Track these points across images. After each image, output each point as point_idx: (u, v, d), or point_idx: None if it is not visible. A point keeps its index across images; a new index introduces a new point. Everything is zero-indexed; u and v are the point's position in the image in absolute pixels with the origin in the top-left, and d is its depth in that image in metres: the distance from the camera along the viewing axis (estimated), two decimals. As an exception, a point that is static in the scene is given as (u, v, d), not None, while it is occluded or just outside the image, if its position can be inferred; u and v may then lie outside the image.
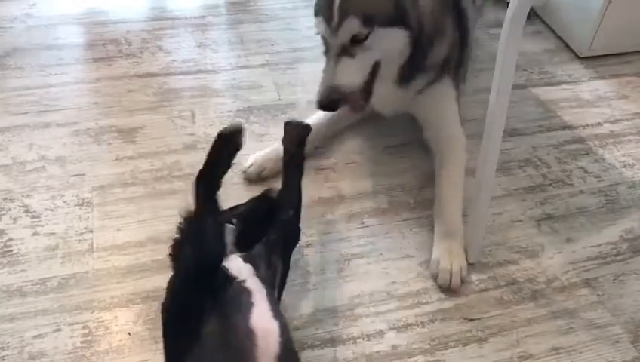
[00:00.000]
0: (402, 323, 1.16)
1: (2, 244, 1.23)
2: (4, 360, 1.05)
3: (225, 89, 1.67)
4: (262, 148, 1.43)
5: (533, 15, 1.99)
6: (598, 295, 1.23)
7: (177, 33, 1.87)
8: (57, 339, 1.08)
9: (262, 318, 0.90)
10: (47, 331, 1.09)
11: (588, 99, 1.72)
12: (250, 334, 0.86)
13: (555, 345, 1.14)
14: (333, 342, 1.12)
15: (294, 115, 1.57)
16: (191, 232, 0.97)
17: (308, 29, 1.88)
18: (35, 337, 1.08)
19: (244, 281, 0.94)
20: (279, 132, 1.48)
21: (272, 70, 1.74)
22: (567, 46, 1.90)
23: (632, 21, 1.79)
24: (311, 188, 1.39)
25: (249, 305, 0.90)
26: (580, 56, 1.85)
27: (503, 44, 1.10)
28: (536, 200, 1.42)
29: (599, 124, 1.63)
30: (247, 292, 0.92)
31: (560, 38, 1.93)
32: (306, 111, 1.56)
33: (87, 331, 1.10)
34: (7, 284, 1.16)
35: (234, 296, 0.92)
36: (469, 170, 1.45)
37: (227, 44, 1.85)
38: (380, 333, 1.14)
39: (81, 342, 1.08)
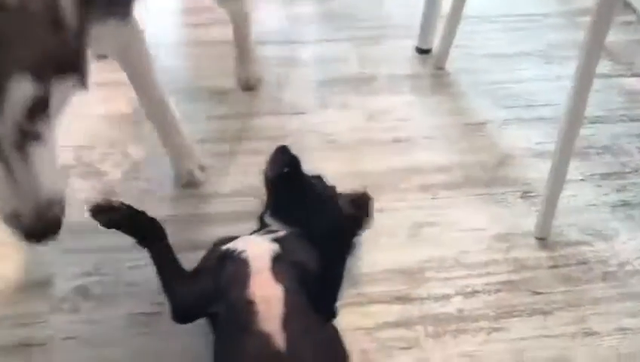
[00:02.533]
0: (469, 290, 1.20)
1: (105, 185, 1.35)
2: (103, 284, 1.17)
3: (310, 60, 1.74)
4: (344, 119, 1.52)
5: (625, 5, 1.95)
6: (671, 283, 1.23)
7: (268, 5, 1.95)
8: (147, 272, 1.18)
9: (261, 285, 0.93)
10: (140, 264, 1.19)
11: (676, 92, 1.69)
12: (248, 303, 0.90)
13: (621, 326, 1.15)
14: (402, 300, 1.17)
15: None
16: None
17: (396, 6, 1.94)
18: (131, 268, 1.19)
19: (241, 252, 0.97)
20: (360, 102, 1.53)
21: (357, 45, 1.79)
22: (658, 38, 1.86)
23: None
24: (387, 158, 1.45)
25: (247, 276, 0.93)
26: (671, 49, 1.81)
27: (589, 32, 1.10)
28: (613, 187, 1.41)
29: (686, 117, 1.60)
30: (245, 263, 0.95)
31: (651, 30, 1.89)
32: (386, 85, 1.64)
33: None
34: (108, 221, 1.28)
35: (232, 272, 0.96)
36: (543, 153, 1.46)
37: (315, 17, 1.92)
38: (447, 297, 1.18)
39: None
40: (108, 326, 1.10)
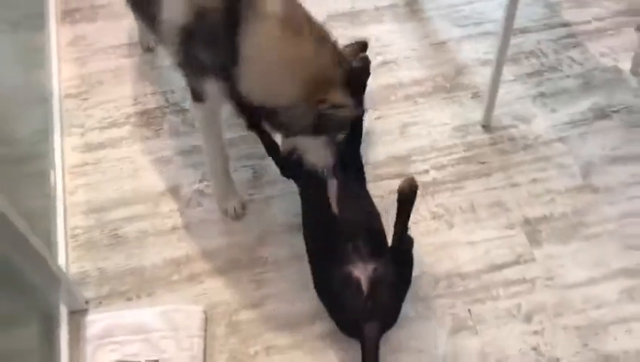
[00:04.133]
0: (440, 165, 1.89)
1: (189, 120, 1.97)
2: (210, 187, 1.83)
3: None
4: (345, 49, 2.11)
5: None
6: (567, 147, 1.92)
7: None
8: (236, 176, 1.85)
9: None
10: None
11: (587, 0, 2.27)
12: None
13: (534, 178, 1.86)
14: (398, 175, 1.86)
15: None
16: None
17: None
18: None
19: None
20: (356, 32, 2.13)
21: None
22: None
23: None
24: (379, 78, 2.07)
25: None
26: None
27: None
28: (535, 83, 2.06)
29: (589, 21, 2.20)
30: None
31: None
32: (372, 17, 2.21)
33: (252, 171, 1.87)
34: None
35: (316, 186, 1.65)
36: (487, 61, 2.08)
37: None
38: (426, 171, 1.88)
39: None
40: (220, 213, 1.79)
